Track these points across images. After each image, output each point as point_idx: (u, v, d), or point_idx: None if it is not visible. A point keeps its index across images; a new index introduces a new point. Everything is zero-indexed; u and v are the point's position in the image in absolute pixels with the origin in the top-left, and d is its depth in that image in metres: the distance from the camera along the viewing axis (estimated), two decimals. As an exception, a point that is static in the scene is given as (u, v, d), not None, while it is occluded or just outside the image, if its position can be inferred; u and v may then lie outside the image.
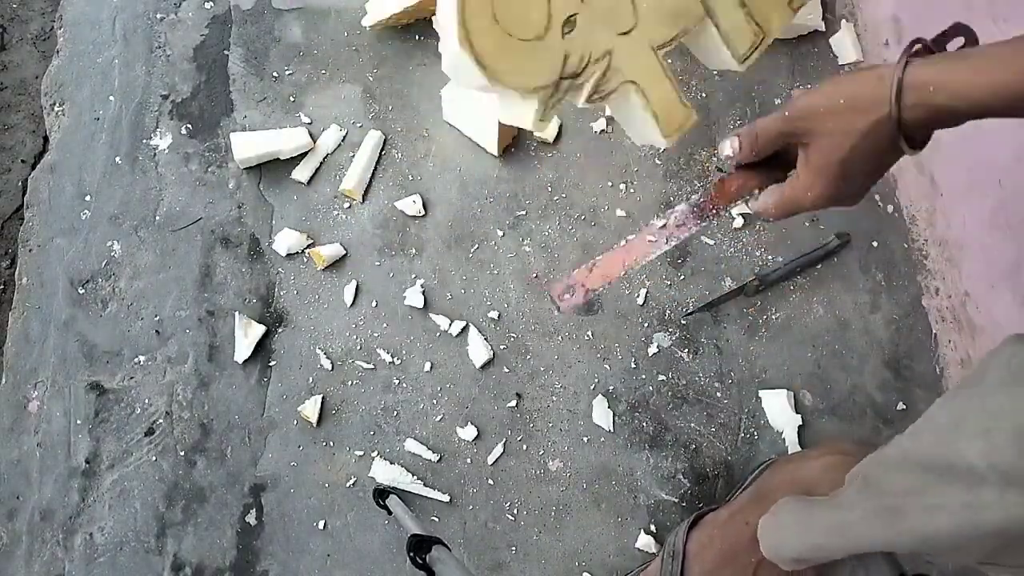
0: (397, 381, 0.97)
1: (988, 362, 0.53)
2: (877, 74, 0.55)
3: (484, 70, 0.64)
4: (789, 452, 0.94)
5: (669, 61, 0.74)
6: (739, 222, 1.04)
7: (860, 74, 0.56)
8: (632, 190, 1.05)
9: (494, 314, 0.99)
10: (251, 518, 0.92)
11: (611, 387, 0.97)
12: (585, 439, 0.95)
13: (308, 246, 1.02)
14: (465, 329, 0.99)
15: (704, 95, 1.11)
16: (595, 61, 0.69)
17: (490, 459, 0.94)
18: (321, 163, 1.07)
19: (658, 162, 1.06)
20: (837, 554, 0.68)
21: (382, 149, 1.08)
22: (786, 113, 0.59)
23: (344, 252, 1.02)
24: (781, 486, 0.84)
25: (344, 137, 1.09)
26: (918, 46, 0.57)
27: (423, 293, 1.00)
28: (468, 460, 0.94)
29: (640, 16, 0.71)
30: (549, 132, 0.76)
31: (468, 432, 0.94)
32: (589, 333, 0.99)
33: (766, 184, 0.65)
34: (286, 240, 1.02)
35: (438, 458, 0.94)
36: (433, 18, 1.13)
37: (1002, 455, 0.48)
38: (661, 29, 0.72)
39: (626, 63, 0.70)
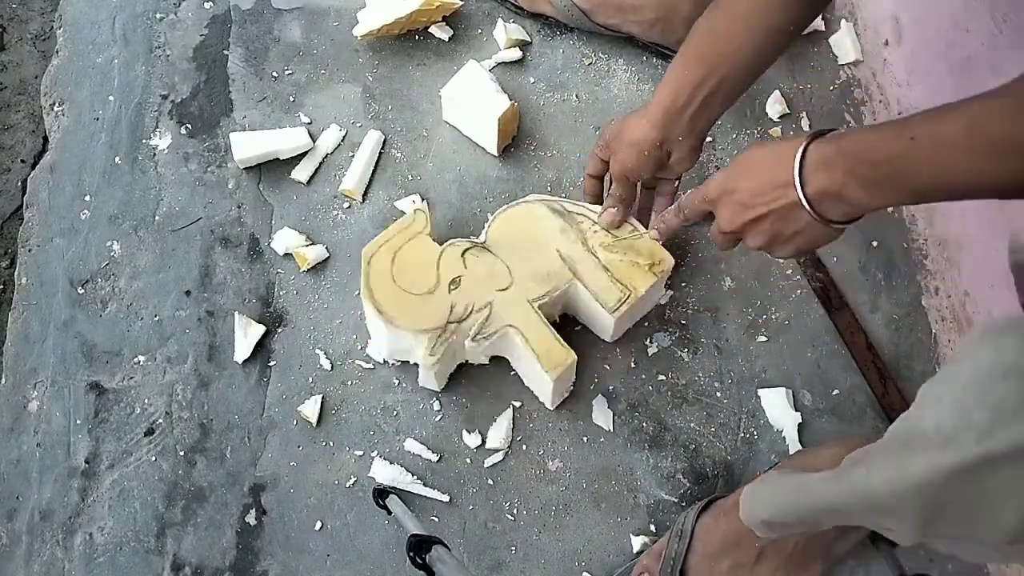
0: (397, 381, 0.97)
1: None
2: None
3: (382, 316, 0.87)
4: (790, 451, 0.94)
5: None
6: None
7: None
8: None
9: (494, 314, 0.99)
10: (251, 518, 0.92)
11: (611, 387, 0.97)
12: (585, 439, 0.95)
13: (307, 246, 1.02)
14: (465, 329, 0.99)
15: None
16: (478, 310, 0.88)
17: (490, 459, 0.94)
18: (321, 163, 1.07)
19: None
20: (798, 516, 0.68)
21: (382, 149, 1.08)
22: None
23: (328, 254, 1.02)
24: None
25: (344, 137, 1.09)
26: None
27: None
28: (468, 460, 0.94)
29: (515, 277, 0.90)
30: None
31: (473, 439, 0.94)
32: (589, 333, 0.99)
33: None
34: (285, 240, 1.02)
35: (438, 458, 0.94)
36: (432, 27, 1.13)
37: (945, 417, 0.49)
38: (535, 287, 0.90)
39: (505, 312, 0.89)
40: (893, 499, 0.53)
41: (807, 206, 0.65)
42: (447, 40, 1.15)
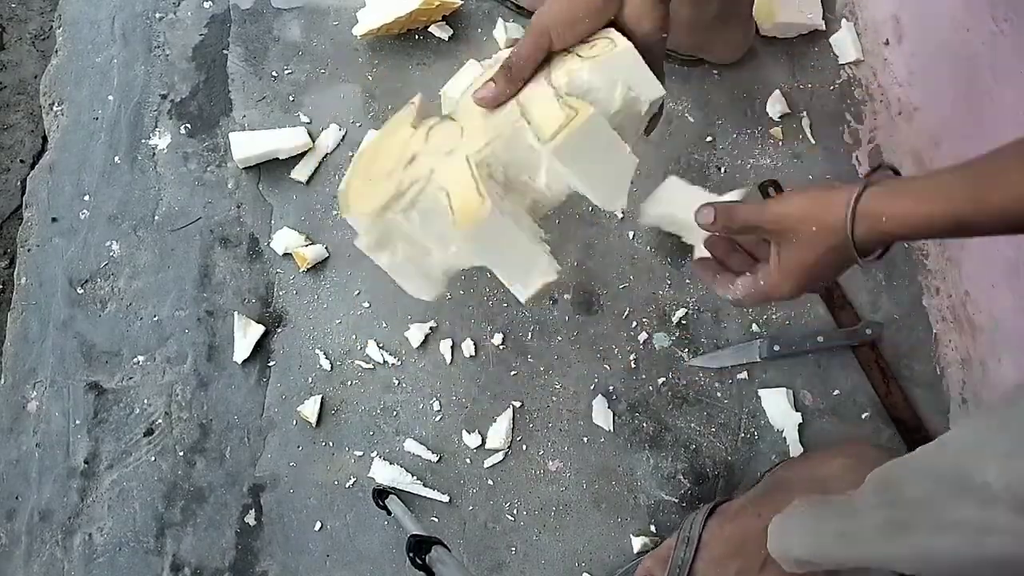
0: (396, 381, 0.97)
1: None
2: (840, 199, 0.59)
3: (343, 207, 0.75)
4: (790, 452, 0.94)
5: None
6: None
7: (826, 195, 0.61)
8: (633, 189, 1.04)
9: (493, 314, 0.99)
10: (250, 518, 0.92)
11: (611, 387, 0.97)
12: (585, 439, 0.95)
13: (307, 246, 1.02)
14: (464, 329, 0.99)
15: (707, 94, 1.11)
16: (417, 181, 0.72)
17: (490, 460, 0.93)
18: (320, 163, 1.07)
19: (658, 162, 1.06)
20: (841, 562, 0.68)
21: (381, 149, 1.08)
22: (765, 215, 0.64)
23: (327, 254, 1.02)
24: (797, 482, 0.84)
25: (343, 136, 1.09)
26: (881, 170, 0.61)
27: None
28: (468, 460, 0.94)
29: (464, 136, 0.73)
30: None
31: (473, 439, 0.94)
32: (589, 333, 0.99)
33: (735, 267, 0.71)
34: (285, 240, 1.02)
35: (437, 458, 0.94)
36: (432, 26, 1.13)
37: (1020, 480, 0.47)
38: (479, 139, 0.72)
39: (442, 174, 0.72)
40: (963, 564, 0.52)
41: (855, 252, 0.60)
42: (447, 39, 1.15)
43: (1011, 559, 0.48)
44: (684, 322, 1.00)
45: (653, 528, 0.91)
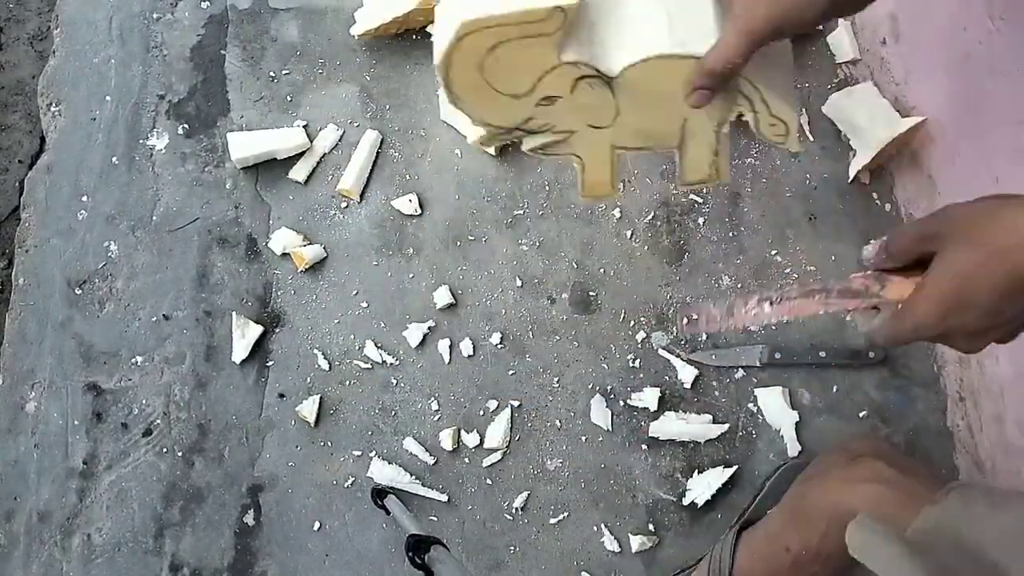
0: (395, 381, 0.97)
1: None
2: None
3: (450, 95, 0.70)
4: (788, 450, 0.94)
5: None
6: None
7: (1006, 200, 0.51)
8: (632, 188, 1.05)
9: (491, 314, 0.99)
10: (249, 518, 0.92)
11: (609, 386, 0.97)
12: (583, 438, 0.95)
13: (305, 246, 1.02)
14: (462, 329, 0.99)
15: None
16: (555, 132, 0.74)
17: (488, 459, 0.94)
18: (318, 163, 1.07)
19: (655, 162, 1.06)
20: None
21: (379, 148, 1.08)
22: (929, 222, 0.54)
23: (325, 254, 1.02)
24: (822, 511, 0.79)
25: (341, 137, 1.09)
26: None
27: (444, 291, 1.00)
28: (466, 460, 0.94)
29: (617, 123, 0.75)
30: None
31: (471, 439, 0.94)
32: (587, 332, 0.99)
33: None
34: (283, 240, 1.02)
35: (436, 458, 0.94)
36: (430, 26, 1.13)
37: None
38: (629, 138, 0.76)
39: (581, 145, 0.76)
40: None
41: None
42: (444, 39, 1.15)
43: None
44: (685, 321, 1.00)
45: (651, 527, 0.91)
